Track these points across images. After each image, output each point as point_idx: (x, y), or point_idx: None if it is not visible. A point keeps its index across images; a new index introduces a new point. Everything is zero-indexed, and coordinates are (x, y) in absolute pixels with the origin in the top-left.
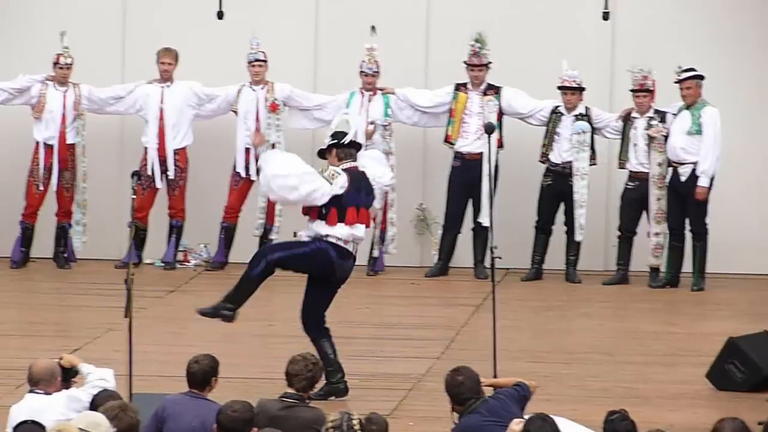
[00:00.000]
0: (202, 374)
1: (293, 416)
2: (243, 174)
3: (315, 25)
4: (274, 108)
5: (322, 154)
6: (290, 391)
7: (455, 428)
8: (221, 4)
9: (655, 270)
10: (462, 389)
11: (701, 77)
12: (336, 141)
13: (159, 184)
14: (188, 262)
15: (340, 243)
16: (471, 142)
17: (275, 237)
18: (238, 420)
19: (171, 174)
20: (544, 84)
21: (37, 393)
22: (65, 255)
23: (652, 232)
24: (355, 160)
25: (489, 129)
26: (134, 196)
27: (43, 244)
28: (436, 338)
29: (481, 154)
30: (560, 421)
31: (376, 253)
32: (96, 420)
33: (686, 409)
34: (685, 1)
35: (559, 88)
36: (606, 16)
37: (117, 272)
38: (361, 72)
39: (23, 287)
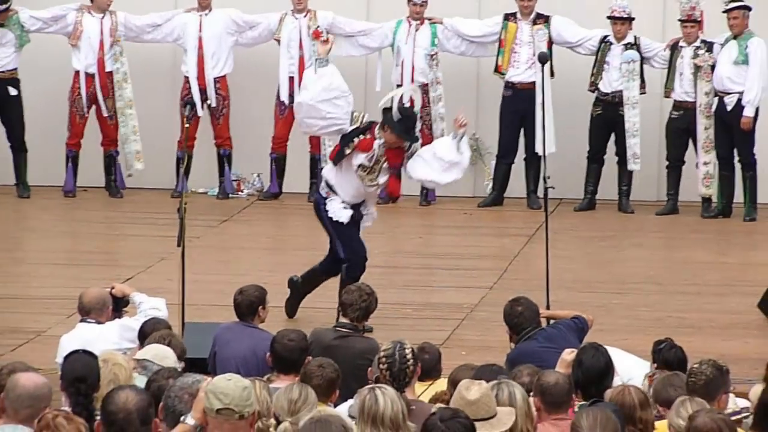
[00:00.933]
0: (247, 305)
1: (347, 346)
2: (287, 103)
3: None
4: (317, 35)
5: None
6: (344, 320)
7: (511, 352)
8: None
9: (706, 200)
10: (521, 319)
11: (748, 8)
12: (401, 127)
13: (200, 112)
14: (241, 191)
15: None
16: (522, 71)
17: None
18: (294, 349)
19: (212, 102)
20: (593, 14)
21: (89, 322)
22: (115, 183)
23: (700, 162)
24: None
25: (542, 58)
26: (187, 125)
27: (94, 173)
28: (489, 268)
29: (532, 83)
30: (612, 351)
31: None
32: (163, 352)
33: (738, 338)
34: None
35: (609, 17)
36: None
37: (170, 201)
38: (409, 1)
39: (75, 216)
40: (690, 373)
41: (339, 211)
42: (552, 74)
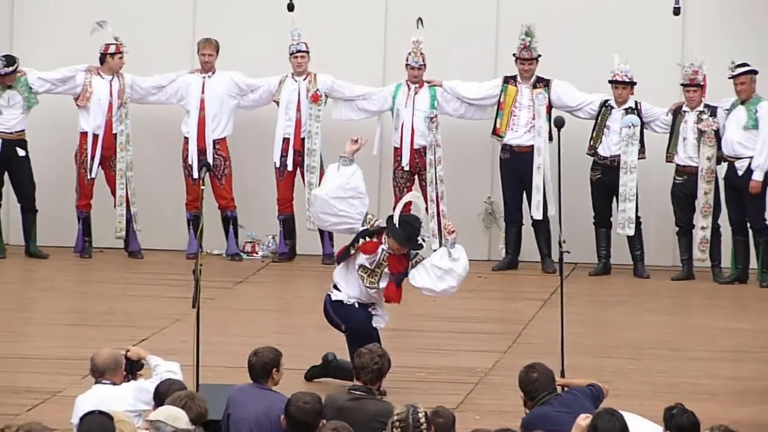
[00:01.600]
0: (261, 366)
1: (360, 408)
2: (278, 165)
3: (384, 19)
4: (315, 99)
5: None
6: (358, 383)
7: (527, 416)
8: None
9: (716, 265)
10: (536, 385)
11: (755, 72)
12: (404, 236)
13: (195, 174)
14: (256, 253)
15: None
16: (521, 134)
17: None
18: (309, 412)
19: (209, 162)
20: (594, 78)
21: (104, 383)
22: (131, 243)
23: (698, 227)
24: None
25: (559, 123)
26: (203, 187)
27: (106, 233)
28: (503, 332)
29: (531, 147)
30: (628, 417)
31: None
32: (175, 414)
33: (754, 405)
34: None
35: (611, 82)
36: (677, 12)
37: (185, 262)
38: (407, 65)
39: (91, 277)
40: None
41: (342, 296)
42: (550, 138)
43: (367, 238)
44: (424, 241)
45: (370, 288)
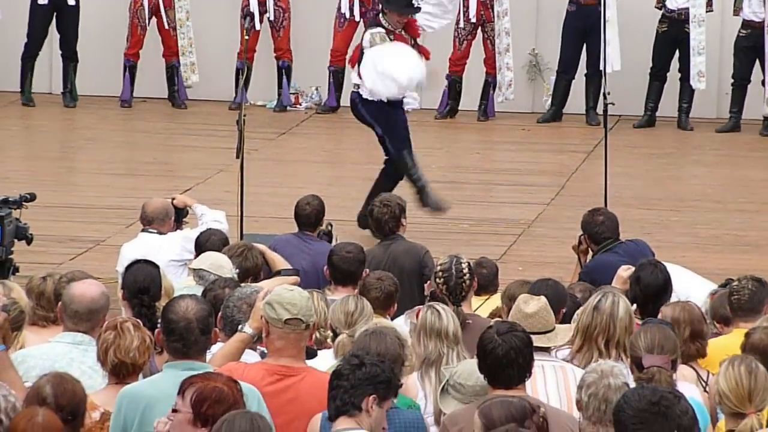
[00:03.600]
0: (315, 215)
1: (390, 251)
2: (347, 15)
3: None
4: None
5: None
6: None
7: (590, 262)
8: None
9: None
10: (602, 228)
11: None
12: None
13: (258, 25)
14: (299, 104)
15: None
16: None
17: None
18: (352, 261)
19: (271, 15)
20: None
21: (151, 232)
22: (177, 94)
23: (767, 80)
24: None
25: None
26: (247, 37)
27: (155, 83)
28: (547, 184)
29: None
30: (671, 268)
31: (500, 99)
32: (219, 261)
33: None
34: None
35: None
36: None
37: (229, 113)
38: None
39: (135, 127)
40: (732, 291)
41: (373, 93)
42: None
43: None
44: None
45: None
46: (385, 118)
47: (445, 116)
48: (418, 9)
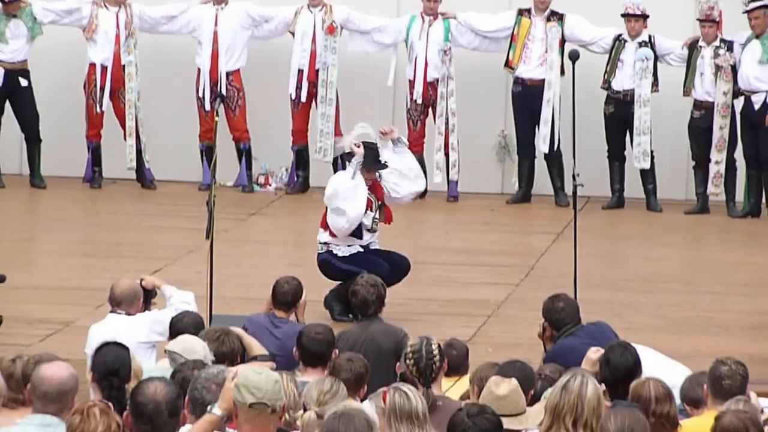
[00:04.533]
0: (293, 294)
1: (369, 331)
2: (293, 96)
3: None
4: (331, 30)
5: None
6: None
7: (552, 348)
8: None
9: (730, 199)
10: (562, 314)
11: None
12: (371, 161)
13: (207, 107)
14: (269, 185)
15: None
16: (533, 67)
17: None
18: (321, 342)
19: (222, 92)
20: (606, 11)
21: (119, 313)
22: (145, 174)
23: (713, 161)
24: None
25: (574, 56)
26: (216, 118)
27: (116, 164)
28: (516, 265)
29: (542, 80)
30: (641, 349)
31: (438, 179)
32: (193, 346)
33: (766, 340)
34: None
35: (623, 15)
36: None
37: (196, 193)
38: None
39: (101, 207)
40: (722, 376)
41: (347, 249)
42: (562, 72)
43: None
44: (384, 161)
45: (376, 227)
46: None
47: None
48: (384, 165)
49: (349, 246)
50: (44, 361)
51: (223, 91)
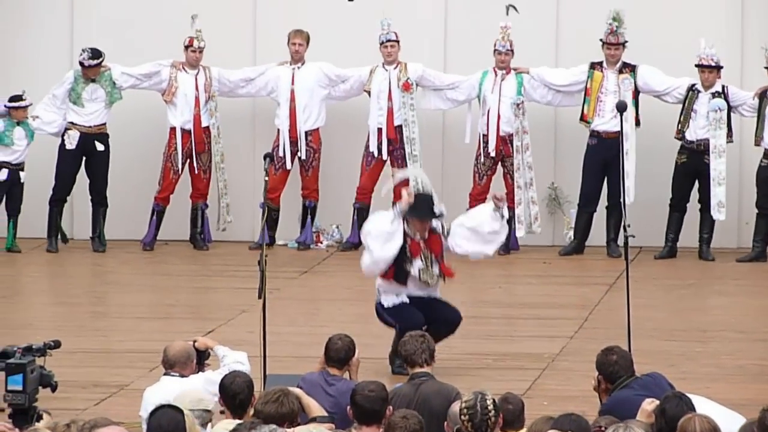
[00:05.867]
0: (345, 351)
1: (423, 391)
2: (376, 154)
3: (445, 4)
4: (407, 87)
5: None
6: (416, 371)
7: (607, 401)
8: None
9: None
10: (616, 368)
11: None
12: (417, 212)
13: (289, 165)
14: (321, 242)
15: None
16: (608, 120)
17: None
18: (375, 399)
19: (302, 155)
20: (679, 61)
21: (173, 376)
22: (202, 236)
23: None
24: None
25: (621, 107)
26: (266, 178)
27: (177, 226)
28: (570, 317)
29: (617, 132)
30: (696, 399)
31: (521, 233)
32: (195, 395)
33: None
34: None
35: (697, 66)
36: None
37: (250, 254)
38: (495, 50)
39: (157, 269)
40: None
41: (393, 299)
42: (638, 123)
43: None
44: (439, 212)
45: (432, 282)
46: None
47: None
48: (440, 215)
49: (397, 296)
50: (99, 425)
51: (302, 152)
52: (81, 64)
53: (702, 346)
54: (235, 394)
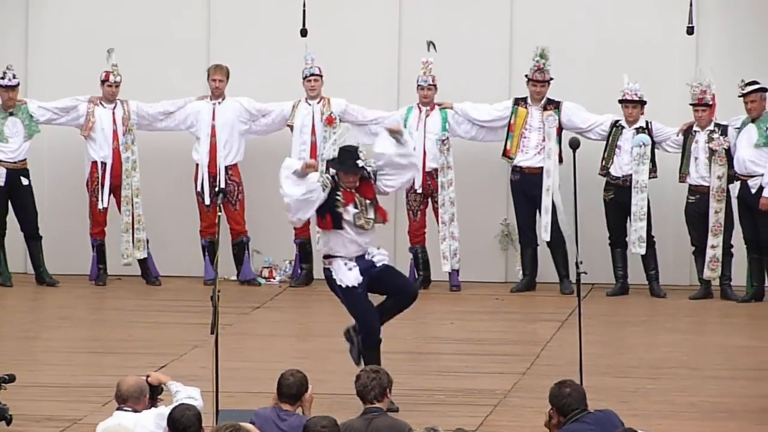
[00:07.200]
0: (298, 387)
1: (374, 428)
2: None
3: (398, 41)
4: (330, 121)
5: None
6: (369, 406)
7: None
8: (304, 22)
9: (727, 284)
10: (569, 400)
11: (765, 90)
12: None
13: (207, 200)
14: (273, 278)
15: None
16: (531, 156)
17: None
18: None
19: (222, 187)
20: (604, 97)
21: (126, 410)
22: (149, 270)
23: (709, 245)
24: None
25: (574, 144)
26: (220, 213)
27: (116, 261)
28: (522, 354)
29: (540, 168)
30: None
31: (446, 268)
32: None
33: None
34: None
35: (621, 101)
36: (690, 31)
37: (201, 288)
38: (418, 86)
39: (106, 304)
40: None
41: (346, 275)
42: (561, 160)
43: (339, 193)
44: (365, 164)
45: (367, 225)
46: (355, 299)
47: (418, 287)
48: (361, 168)
49: (349, 269)
50: None
51: (222, 185)
52: (2, 85)
53: (654, 383)
54: (185, 428)
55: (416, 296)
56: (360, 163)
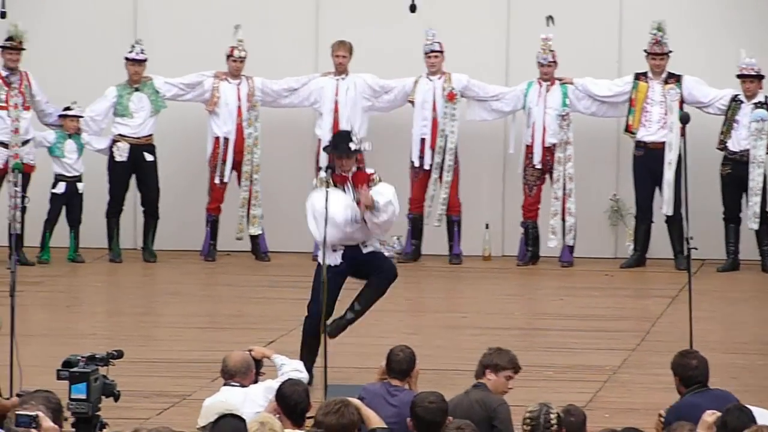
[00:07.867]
0: (407, 363)
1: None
2: (416, 164)
3: (507, 16)
4: (451, 97)
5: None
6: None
7: (679, 402)
8: None
9: None
10: (696, 372)
11: None
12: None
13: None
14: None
15: None
16: (654, 131)
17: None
18: (435, 411)
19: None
20: (723, 72)
21: (233, 386)
22: (259, 246)
23: None
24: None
25: (685, 119)
26: (328, 189)
27: (229, 238)
28: (631, 330)
29: (663, 143)
30: (758, 412)
31: (553, 244)
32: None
33: None
34: None
35: (738, 76)
36: None
37: (310, 264)
38: (538, 62)
39: (216, 280)
40: None
41: (329, 255)
42: (683, 134)
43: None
44: (358, 147)
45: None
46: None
47: (527, 263)
48: (354, 151)
49: (333, 250)
50: None
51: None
52: (130, 59)
53: (764, 359)
54: (296, 404)
55: (396, 275)
56: (353, 146)
